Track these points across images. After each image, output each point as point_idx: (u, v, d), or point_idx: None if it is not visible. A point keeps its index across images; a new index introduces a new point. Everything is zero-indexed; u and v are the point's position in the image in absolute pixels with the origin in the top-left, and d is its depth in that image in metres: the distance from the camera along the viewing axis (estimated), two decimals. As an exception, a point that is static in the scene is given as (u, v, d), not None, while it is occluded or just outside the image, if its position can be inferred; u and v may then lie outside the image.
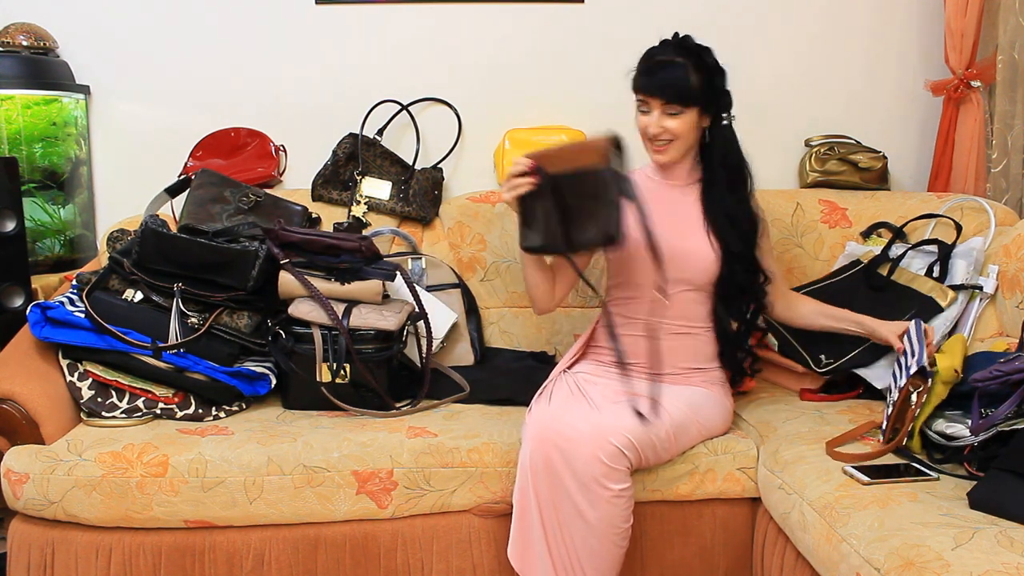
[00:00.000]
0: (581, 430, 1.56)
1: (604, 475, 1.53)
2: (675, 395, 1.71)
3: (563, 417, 1.61)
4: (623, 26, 2.53)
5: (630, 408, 1.58)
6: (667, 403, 1.66)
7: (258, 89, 2.48)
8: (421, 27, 2.49)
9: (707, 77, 1.72)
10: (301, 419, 1.82)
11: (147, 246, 1.81)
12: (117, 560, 1.65)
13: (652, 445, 1.61)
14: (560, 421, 1.60)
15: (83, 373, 1.77)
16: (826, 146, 2.46)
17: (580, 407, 1.67)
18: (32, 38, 2.29)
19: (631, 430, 1.57)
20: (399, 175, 2.39)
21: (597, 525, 1.54)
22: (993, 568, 1.16)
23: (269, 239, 1.88)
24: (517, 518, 1.62)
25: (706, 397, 1.78)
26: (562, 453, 1.54)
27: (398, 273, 1.95)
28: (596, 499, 1.53)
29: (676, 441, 1.68)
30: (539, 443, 1.57)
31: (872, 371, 1.90)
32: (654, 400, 1.60)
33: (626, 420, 1.58)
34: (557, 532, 1.56)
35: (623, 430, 1.56)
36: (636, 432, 1.57)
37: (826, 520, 1.42)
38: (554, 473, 1.55)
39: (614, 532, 1.57)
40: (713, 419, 1.77)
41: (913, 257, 2.07)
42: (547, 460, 1.55)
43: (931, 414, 1.61)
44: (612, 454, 1.53)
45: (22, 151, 2.28)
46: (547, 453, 1.56)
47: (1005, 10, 2.26)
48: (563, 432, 1.56)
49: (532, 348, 2.30)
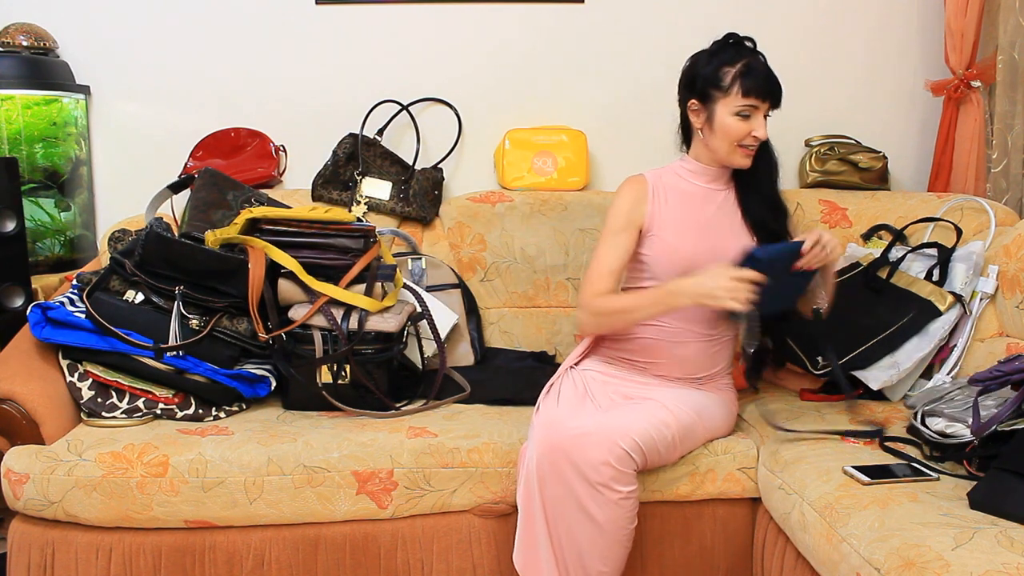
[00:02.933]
0: (590, 433, 1.54)
1: (613, 479, 1.52)
2: (682, 399, 1.70)
3: (570, 420, 1.60)
4: (623, 26, 2.53)
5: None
6: (674, 406, 1.66)
7: (258, 89, 2.48)
8: (421, 27, 2.49)
9: None
10: (301, 419, 1.82)
11: (150, 249, 1.80)
12: (117, 560, 1.65)
13: (657, 448, 1.60)
14: (568, 425, 1.58)
15: (83, 373, 1.76)
16: (826, 146, 2.46)
17: (587, 409, 1.66)
18: (32, 38, 2.30)
19: (638, 433, 1.56)
20: (399, 175, 2.39)
21: (605, 527, 1.54)
22: (993, 568, 1.16)
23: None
24: (523, 523, 1.60)
25: (713, 401, 1.76)
26: (570, 458, 1.53)
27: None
28: (604, 502, 1.53)
29: (681, 444, 1.67)
30: (548, 448, 1.55)
31: (868, 373, 1.90)
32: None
33: (633, 422, 1.58)
34: (564, 536, 1.56)
35: (631, 433, 1.55)
36: (643, 435, 1.56)
37: (826, 520, 1.42)
38: (562, 477, 1.54)
39: (622, 533, 1.56)
40: (717, 421, 1.76)
41: (913, 260, 2.07)
42: (555, 465, 1.54)
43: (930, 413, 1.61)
44: (620, 457, 1.53)
45: (22, 151, 2.28)
46: (555, 459, 1.54)
47: (1005, 10, 2.26)
48: (571, 436, 1.55)
49: (532, 348, 2.30)
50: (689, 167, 1.80)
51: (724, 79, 1.66)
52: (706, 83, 1.69)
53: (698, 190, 1.78)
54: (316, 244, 1.87)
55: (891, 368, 1.89)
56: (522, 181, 2.41)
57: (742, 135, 1.67)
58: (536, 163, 2.42)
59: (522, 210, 2.32)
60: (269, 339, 1.81)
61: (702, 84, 1.69)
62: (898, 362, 1.89)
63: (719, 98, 1.67)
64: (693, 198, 1.77)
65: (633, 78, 2.54)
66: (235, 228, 1.85)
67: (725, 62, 1.67)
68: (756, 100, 1.66)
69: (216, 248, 1.84)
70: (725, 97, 1.66)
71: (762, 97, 1.66)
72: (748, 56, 1.68)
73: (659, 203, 1.76)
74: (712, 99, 1.68)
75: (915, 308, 1.94)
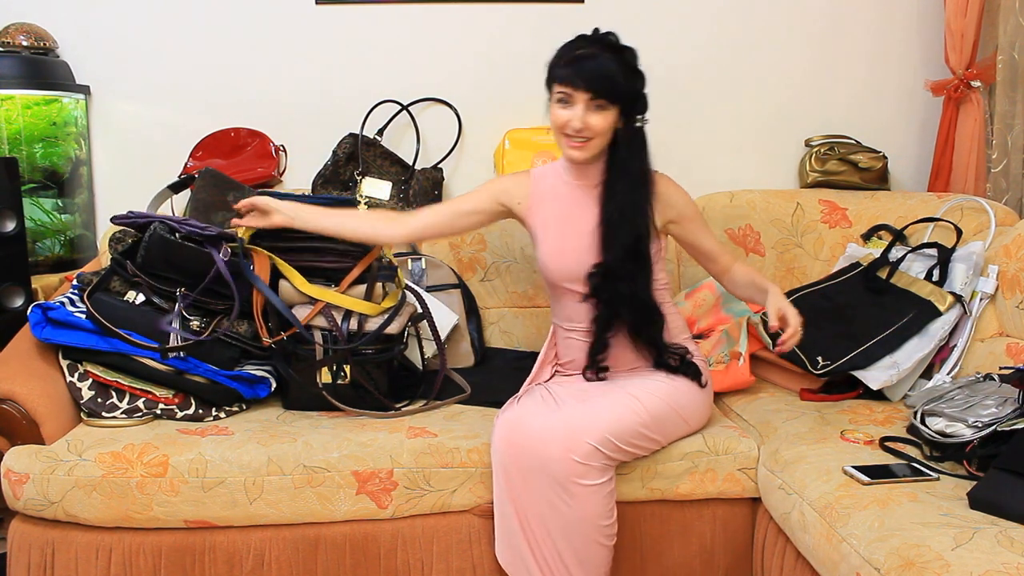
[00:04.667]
0: (553, 429, 1.56)
1: (579, 475, 1.53)
2: (640, 385, 1.68)
3: (531, 419, 1.61)
4: (623, 26, 2.52)
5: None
6: (638, 393, 1.65)
7: (258, 89, 2.48)
8: (421, 27, 2.49)
9: (631, 77, 1.67)
10: (301, 419, 1.82)
11: (153, 251, 1.80)
12: (117, 560, 1.65)
13: (627, 438, 1.60)
14: (527, 422, 1.60)
15: (83, 373, 1.76)
16: (826, 146, 2.46)
17: (548, 406, 1.67)
18: (32, 38, 2.29)
19: (604, 425, 1.56)
20: (399, 175, 2.38)
21: (577, 521, 1.55)
22: (993, 568, 1.16)
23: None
24: (498, 520, 1.63)
25: (675, 388, 1.71)
26: (532, 454, 1.55)
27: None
28: (572, 495, 1.54)
29: (658, 430, 1.66)
30: (508, 445, 1.58)
31: (868, 373, 1.90)
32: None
33: (597, 415, 1.58)
34: (537, 531, 1.57)
35: (596, 425, 1.56)
36: (609, 426, 1.57)
37: (826, 520, 1.42)
38: (527, 473, 1.56)
39: (595, 529, 1.56)
40: (691, 408, 1.73)
41: (913, 260, 2.07)
42: (518, 461, 1.56)
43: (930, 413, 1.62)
44: (586, 453, 1.54)
45: (22, 151, 2.28)
46: (516, 455, 1.56)
47: (1005, 10, 2.27)
48: (532, 433, 1.57)
49: (532, 348, 2.29)
50: (560, 164, 1.82)
51: (551, 69, 1.69)
52: (547, 75, 1.70)
53: (565, 186, 1.79)
54: (316, 248, 1.88)
55: (891, 368, 1.89)
56: (522, 181, 2.41)
57: (561, 124, 1.67)
58: (536, 163, 2.42)
59: (522, 210, 2.31)
60: (272, 343, 1.81)
61: (547, 77, 1.71)
62: (898, 362, 1.89)
63: (551, 88, 1.69)
64: (561, 195, 1.78)
65: (633, 78, 2.54)
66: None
67: (558, 54, 1.69)
68: (570, 88, 1.64)
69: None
70: (551, 86, 1.69)
71: (575, 85, 1.63)
72: (581, 47, 1.66)
73: (537, 200, 1.79)
74: (549, 90, 1.70)
75: (915, 308, 1.94)
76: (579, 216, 1.75)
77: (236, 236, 1.83)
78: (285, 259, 1.86)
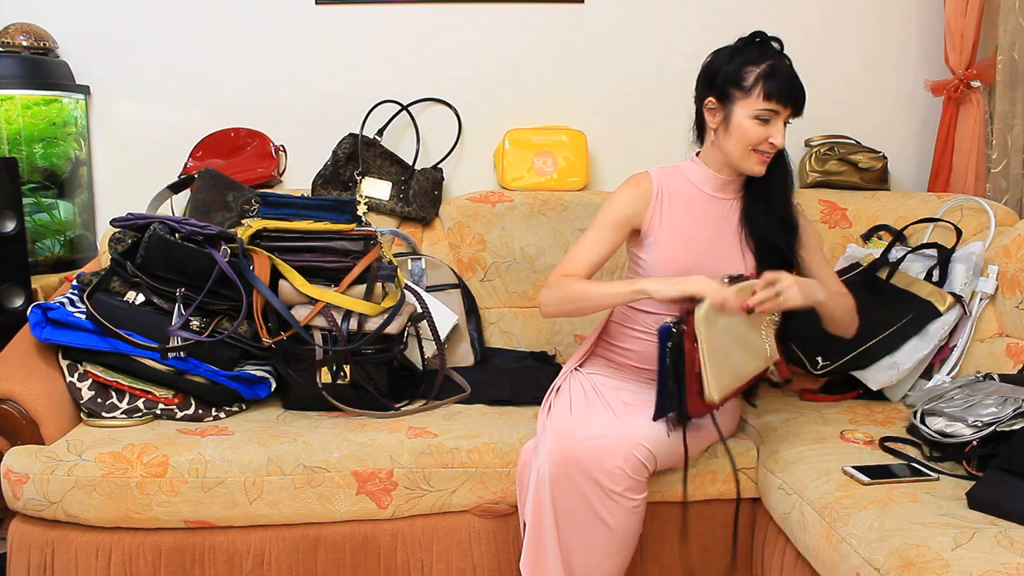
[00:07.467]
0: (604, 443, 1.52)
1: (628, 488, 1.51)
2: None
3: (583, 430, 1.56)
4: (623, 26, 2.53)
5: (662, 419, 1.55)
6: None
7: (258, 89, 2.48)
8: (421, 27, 2.49)
9: None
10: (301, 419, 1.82)
11: (152, 251, 1.80)
12: (117, 560, 1.65)
13: (668, 453, 1.58)
14: (581, 435, 1.54)
15: (83, 374, 1.76)
16: (826, 146, 2.46)
17: (600, 415, 1.63)
18: (32, 38, 2.29)
19: (651, 440, 1.54)
20: (399, 175, 2.39)
21: (619, 533, 1.53)
22: (993, 568, 1.16)
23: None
24: (532, 532, 1.56)
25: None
26: (585, 468, 1.50)
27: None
28: (619, 510, 1.51)
29: (690, 447, 1.64)
30: (561, 459, 1.51)
31: (868, 373, 1.90)
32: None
33: (645, 429, 1.56)
34: (576, 545, 1.54)
35: (644, 441, 1.53)
36: (656, 442, 1.55)
37: (826, 520, 1.42)
38: (577, 488, 1.51)
39: (632, 538, 1.56)
40: (724, 419, 1.74)
41: (913, 260, 2.07)
42: (569, 476, 1.51)
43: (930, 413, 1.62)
44: (636, 466, 1.51)
45: (22, 151, 2.28)
46: (569, 470, 1.51)
47: (1005, 10, 2.27)
48: (586, 447, 1.51)
49: (532, 348, 2.30)
50: (698, 171, 1.72)
51: (746, 79, 1.57)
52: (727, 81, 1.60)
53: (702, 197, 1.70)
54: (316, 248, 1.88)
55: (891, 368, 1.89)
56: (522, 181, 2.41)
57: (758, 140, 1.59)
58: (536, 163, 2.42)
59: (522, 210, 2.32)
60: (271, 343, 1.81)
61: (722, 82, 1.60)
62: (898, 362, 1.89)
63: (739, 98, 1.59)
64: (695, 205, 1.70)
65: (633, 78, 2.54)
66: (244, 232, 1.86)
67: (749, 61, 1.58)
68: (778, 105, 1.57)
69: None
70: (746, 98, 1.58)
71: (784, 102, 1.57)
72: (774, 57, 1.59)
73: (660, 207, 1.70)
74: (731, 99, 1.60)
75: (915, 309, 1.94)
76: (718, 229, 1.68)
77: (236, 236, 1.83)
78: (284, 259, 1.87)
